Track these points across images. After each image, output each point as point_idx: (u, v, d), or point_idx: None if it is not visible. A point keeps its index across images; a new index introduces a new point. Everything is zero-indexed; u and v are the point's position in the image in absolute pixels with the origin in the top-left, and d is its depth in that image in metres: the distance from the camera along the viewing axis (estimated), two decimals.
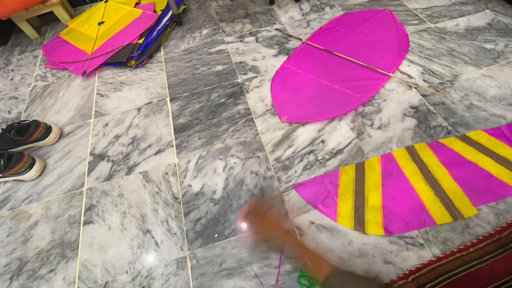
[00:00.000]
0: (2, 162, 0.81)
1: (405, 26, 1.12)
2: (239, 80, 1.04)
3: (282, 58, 1.09)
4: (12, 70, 1.22)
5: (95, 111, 1.02)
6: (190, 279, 0.66)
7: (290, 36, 1.15)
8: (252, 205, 0.63)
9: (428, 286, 0.58)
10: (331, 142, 0.84)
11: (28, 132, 0.88)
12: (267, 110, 0.94)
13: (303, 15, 1.25)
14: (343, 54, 1.04)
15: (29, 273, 0.70)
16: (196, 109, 0.97)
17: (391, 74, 0.96)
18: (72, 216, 0.78)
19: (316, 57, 1.06)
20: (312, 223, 0.71)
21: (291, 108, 0.93)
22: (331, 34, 1.13)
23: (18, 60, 1.26)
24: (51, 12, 1.32)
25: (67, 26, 1.31)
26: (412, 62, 1.01)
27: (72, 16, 1.41)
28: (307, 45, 1.11)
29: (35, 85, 1.14)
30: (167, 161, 0.86)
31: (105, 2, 1.34)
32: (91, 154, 0.90)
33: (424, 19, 1.14)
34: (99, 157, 0.89)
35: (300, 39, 1.14)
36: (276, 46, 1.14)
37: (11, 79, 1.19)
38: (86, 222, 0.77)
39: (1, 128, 0.96)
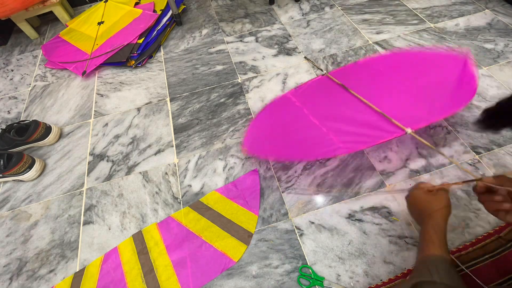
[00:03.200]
0: (1, 162, 0.81)
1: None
2: (239, 80, 1.04)
3: (282, 58, 1.09)
4: (12, 70, 1.22)
5: (95, 111, 1.02)
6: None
7: (314, 66, 1.02)
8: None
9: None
10: None
11: (27, 132, 0.88)
12: None
13: (303, 15, 1.25)
14: (363, 94, 0.80)
15: (29, 273, 0.70)
16: (196, 109, 0.97)
17: (408, 130, 0.68)
18: (72, 216, 0.78)
19: (328, 91, 0.87)
20: (312, 223, 0.71)
21: (258, 139, 0.80)
22: (365, 71, 0.90)
23: (18, 60, 1.26)
24: (51, 12, 1.32)
25: (67, 26, 1.31)
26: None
27: (71, 16, 1.41)
28: (326, 78, 0.90)
29: (34, 85, 1.14)
30: (167, 161, 0.86)
31: (104, 2, 1.34)
32: (91, 154, 0.90)
33: (424, 19, 1.14)
34: (99, 157, 0.89)
35: (321, 70, 1.00)
36: (276, 46, 1.14)
37: (11, 79, 1.18)
38: (86, 222, 0.77)
39: (1, 128, 0.96)
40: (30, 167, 0.84)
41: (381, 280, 0.62)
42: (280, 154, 0.76)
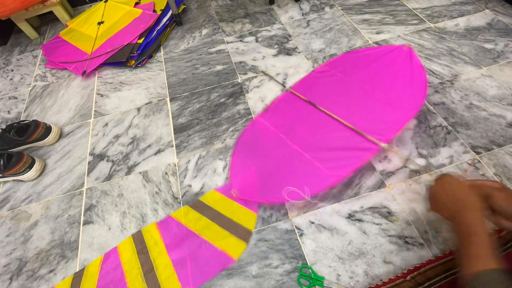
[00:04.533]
0: (1, 162, 0.81)
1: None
2: (239, 80, 1.04)
3: (282, 58, 1.09)
4: (12, 70, 1.22)
5: (95, 111, 1.02)
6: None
7: (273, 79, 0.98)
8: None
9: (426, 284, 0.58)
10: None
11: (27, 132, 0.88)
12: None
13: (303, 15, 1.25)
14: (331, 109, 0.82)
15: (29, 273, 0.70)
16: (196, 109, 0.97)
17: (382, 144, 0.72)
18: (72, 216, 0.78)
19: (298, 110, 0.86)
20: (312, 223, 0.71)
21: (246, 179, 0.76)
22: (323, 80, 0.91)
23: (18, 60, 1.26)
24: (51, 12, 1.32)
25: (67, 26, 1.31)
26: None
27: (71, 16, 1.41)
28: (292, 94, 0.90)
29: (34, 85, 1.14)
30: (167, 161, 0.86)
31: (104, 2, 1.34)
32: (91, 154, 0.90)
33: (424, 19, 1.14)
34: (98, 157, 0.89)
35: (283, 85, 0.97)
36: (276, 46, 1.14)
37: (11, 79, 1.18)
38: (86, 222, 0.77)
39: (1, 128, 0.96)
40: (30, 167, 0.84)
41: (381, 280, 0.62)
42: (274, 196, 0.72)
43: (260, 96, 0.98)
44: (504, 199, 0.47)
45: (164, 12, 1.26)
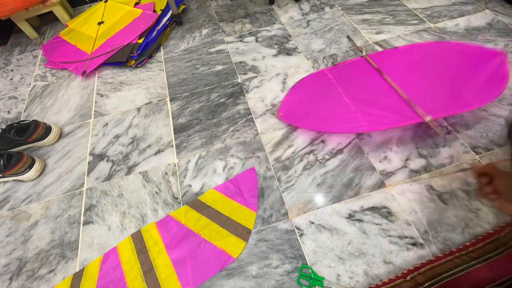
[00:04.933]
0: (1, 162, 0.81)
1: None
2: (239, 80, 1.04)
3: (282, 58, 1.09)
4: (12, 70, 1.22)
5: (95, 111, 1.02)
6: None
7: (355, 45, 1.05)
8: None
9: (426, 285, 0.58)
10: (331, 142, 0.84)
11: (27, 132, 0.88)
12: (267, 110, 0.94)
13: (303, 15, 1.25)
14: (395, 80, 0.86)
15: (29, 273, 0.70)
16: (196, 109, 0.97)
17: (427, 118, 0.74)
18: (72, 216, 0.78)
19: (363, 74, 0.93)
20: (312, 223, 0.71)
21: (293, 108, 0.89)
22: (402, 57, 0.95)
23: (18, 60, 1.26)
24: (51, 12, 1.32)
25: (67, 26, 1.31)
26: None
27: (71, 16, 1.41)
28: (364, 60, 0.96)
29: (34, 85, 1.14)
30: (167, 161, 0.86)
31: (104, 2, 1.34)
32: (91, 154, 0.90)
33: (424, 19, 1.14)
34: (98, 157, 0.89)
35: (361, 51, 1.03)
36: (276, 46, 1.14)
37: (11, 79, 1.18)
38: (86, 222, 0.77)
39: (1, 128, 0.96)
40: (30, 167, 0.84)
41: (381, 280, 0.62)
42: (310, 124, 0.84)
43: (260, 96, 0.98)
44: (503, 179, 0.48)
45: (164, 12, 1.26)
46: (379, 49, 1.06)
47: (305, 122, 0.85)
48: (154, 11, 1.25)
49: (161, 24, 1.22)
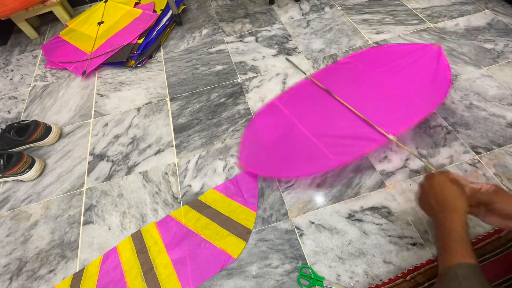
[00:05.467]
0: (1, 162, 0.81)
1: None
2: (239, 80, 1.04)
3: (282, 58, 1.09)
4: (12, 70, 1.22)
5: (95, 111, 1.02)
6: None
7: (297, 67, 1.02)
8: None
9: (426, 285, 0.58)
10: None
11: (27, 132, 0.88)
12: None
13: (303, 15, 1.25)
14: (346, 99, 0.82)
15: (29, 273, 0.70)
16: (196, 109, 0.97)
17: (390, 136, 0.71)
18: (72, 216, 0.78)
19: (314, 97, 0.87)
20: (312, 223, 0.71)
21: (253, 156, 0.81)
22: (344, 71, 0.91)
23: (18, 60, 1.26)
24: (51, 12, 1.32)
25: (67, 26, 1.32)
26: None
27: (71, 16, 1.41)
28: (311, 81, 0.92)
29: (34, 85, 1.14)
30: (167, 161, 0.86)
31: (104, 2, 1.34)
32: (91, 154, 0.90)
33: (424, 19, 1.14)
34: (98, 157, 0.89)
35: (304, 73, 1.00)
36: (276, 46, 1.14)
37: (11, 79, 1.18)
38: (86, 222, 0.77)
39: (1, 128, 0.96)
40: (30, 167, 0.84)
41: (381, 280, 0.62)
42: (276, 171, 0.76)
43: (260, 96, 0.98)
44: (506, 203, 0.47)
45: (164, 12, 1.26)
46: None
47: (271, 170, 0.77)
48: (154, 11, 1.25)
49: (161, 24, 1.22)
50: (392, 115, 0.76)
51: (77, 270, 0.70)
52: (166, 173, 0.83)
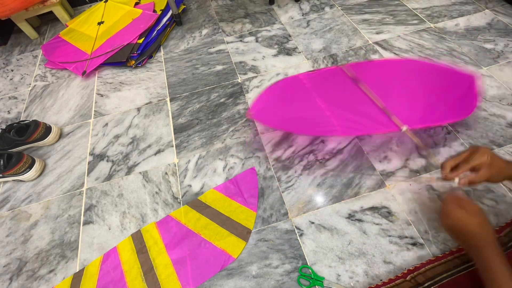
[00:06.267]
0: (1, 162, 0.81)
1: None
2: (239, 80, 1.04)
3: (282, 58, 1.09)
4: (12, 70, 1.22)
5: (95, 111, 1.02)
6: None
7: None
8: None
9: (426, 285, 0.58)
10: (331, 142, 0.84)
11: (27, 132, 0.88)
12: None
13: (303, 15, 1.25)
14: (372, 90, 0.84)
15: (29, 273, 0.70)
16: (196, 109, 0.97)
17: (403, 128, 0.73)
18: (72, 216, 0.78)
19: (339, 83, 0.90)
20: (312, 223, 0.71)
21: (265, 108, 0.84)
22: (377, 70, 0.92)
23: (18, 60, 1.26)
24: (51, 12, 1.32)
25: (67, 26, 1.31)
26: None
27: (71, 16, 1.41)
28: (340, 70, 0.92)
29: (34, 85, 1.14)
30: (167, 161, 0.86)
31: (104, 2, 1.34)
32: (91, 154, 0.90)
33: (424, 19, 1.14)
34: (98, 157, 0.89)
35: (337, 62, 1.02)
36: (276, 46, 1.14)
37: (11, 79, 1.18)
38: (86, 222, 0.77)
39: (1, 128, 0.96)
40: (30, 167, 0.84)
41: (381, 280, 0.62)
42: (281, 124, 0.80)
43: None
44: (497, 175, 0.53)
45: (164, 12, 1.26)
46: (380, 49, 1.06)
47: (275, 123, 0.81)
48: (154, 11, 1.25)
49: (161, 24, 1.22)
50: (410, 112, 0.79)
51: (77, 270, 0.70)
52: (166, 173, 0.83)
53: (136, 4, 1.31)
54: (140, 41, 1.15)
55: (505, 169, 0.53)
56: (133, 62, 1.13)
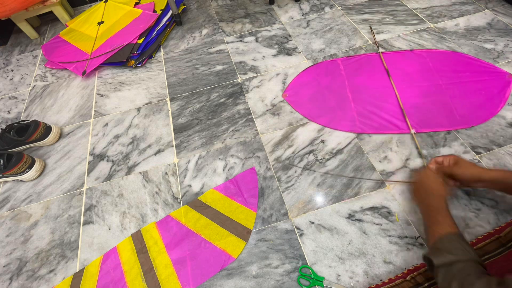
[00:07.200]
0: (1, 162, 0.81)
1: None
2: (239, 80, 1.04)
3: (282, 58, 1.09)
4: (12, 70, 1.22)
5: (95, 111, 1.02)
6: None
7: (374, 40, 1.06)
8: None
9: (426, 285, 0.58)
10: (331, 142, 0.84)
11: (27, 132, 0.88)
12: (267, 110, 0.94)
13: (303, 15, 1.25)
14: (400, 85, 0.91)
15: (29, 273, 0.70)
16: (196, 109, 0.97)
17: (412, 131, 0.81)
18: (72, 216, 0.78)
19: (372, 72, 0.97)
20: (312, 223, 0.71)
21: (299, 92, 0.95)
22: (412, 61, 0.98)
23: (18, 60, 1.26)
24: (51, 12, 1.32)
25: (67, 26, 1.32)
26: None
27: (71, 16, 1.41)
28: (378, 57, 1.00)
29: (34, 85, 1.14)
30: (167, 161, 0.86)
31: (104, 2, 1.34)
32: (91, 154, 0.90)
33: (424, 19, 1.14)
34: (98, 157, 0.89)
35: (377, 46, 1.04)
36: (276, 46, 1.14)
37: (11, 79, 1.18)
38: (86, 222, 0.77)
39: (1, 128, 0.96)
40: (30, 167, 0.84)
41: (381, 280, 0.62)
42: (310, 113, 0.90)
43: (260, 96, 0.98)
44: (463, 170, 0.63)
45: (164, 12, 1.26)
46: (380, 49, 1.06)
47: (305, 110, 0.91)
48: (154, 11, 1.25)
49: (161, 24, 1.22)
50: (426, 114, 0.85)
51: (77, 270, 0.70)
52: (166, 173, 0.83)
53: (136, 4, 1.31)
54: (140, 41, 1.15)
55: (474, 166, 0.63)
56: (133, 62, 1.13)
